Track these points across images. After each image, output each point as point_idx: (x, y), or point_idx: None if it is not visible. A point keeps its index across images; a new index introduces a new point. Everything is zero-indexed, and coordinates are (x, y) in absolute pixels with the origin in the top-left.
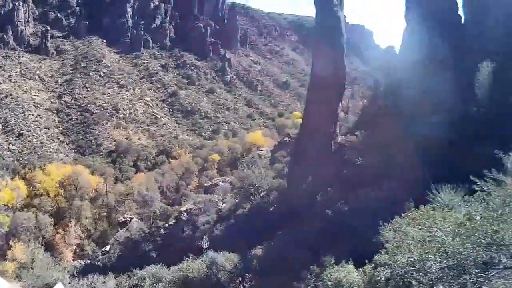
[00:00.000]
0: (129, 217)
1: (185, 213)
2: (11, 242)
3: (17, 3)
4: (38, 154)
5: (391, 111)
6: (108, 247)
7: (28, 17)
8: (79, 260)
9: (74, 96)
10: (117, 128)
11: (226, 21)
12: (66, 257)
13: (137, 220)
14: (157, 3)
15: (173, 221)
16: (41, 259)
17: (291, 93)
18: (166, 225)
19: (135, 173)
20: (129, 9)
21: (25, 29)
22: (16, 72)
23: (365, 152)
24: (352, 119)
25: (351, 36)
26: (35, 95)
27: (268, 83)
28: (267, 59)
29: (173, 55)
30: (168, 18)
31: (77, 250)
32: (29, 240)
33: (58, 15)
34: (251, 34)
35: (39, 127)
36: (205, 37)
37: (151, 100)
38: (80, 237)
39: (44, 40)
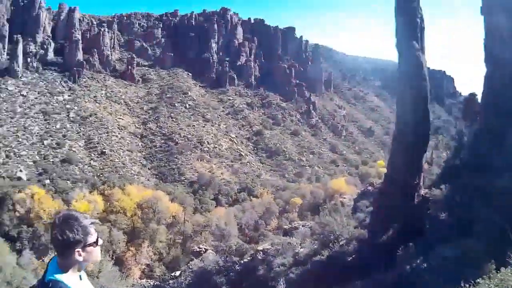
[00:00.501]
0: (204, 248)
1: (261, 252)
2: None
3: (102, 29)
4: (119, 174)
5: (475, 163)
6: (178, 273)
7: (114, 43)
8: (147, 280)
9: (159, 124)
10: (200, 160)
11: (310, 62)
12: (134, 275)
13: (212, 252)
14: (241, 41)
15: (248, 258)
16: (108, 271)
17: (375, 140)
18: (241, 261)
19: (215, 206)
20: (214, 45)
21: (111, 54)
22: (102, 94)
23: (448, 207)
24: (436, 170)
25: (432, 82)
26: (119, 118)
27: (352, 129)
28: (351, 104)
29: (258, 94)
30: (252, 56)
31: (146, 270)
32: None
33: (144, 44)
34: (335, 78)
35: (122, 149)
36: (290, 78)
37: (236, 137)
38: (151, 258)
39: (129, 67)
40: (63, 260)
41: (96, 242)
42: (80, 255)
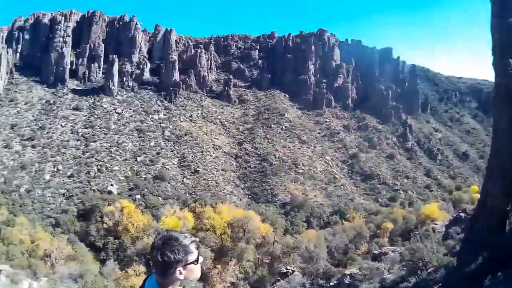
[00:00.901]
0: (291, 270)
1: (348, 277)
2: None
3: (199, 50)
4: (211, 193)
5: None
6: None
7: (211, 64)
8: None
9: (254, 145)
10: (294, 182)
11: (406, 84)
12: None
13: (299, 274)
14: (338, 62)
15: (335, 282)
16: (192, 287)
17: (470, 165)
18: (328, 284)
19: (306, 228)
20: (311, 67)
21: (208, 75)
22: (197, 113)
23: None
24: None
25: None
26: (215, 138)
27: (447, 153)
28: (447, 126)
29: (355, 116)
30: (350, 78)
31: None
32: None
33: (241, 66)
34: (431, 99)
35: (215, 168)
36: (387, 100)
37: (331, 159)
38: (237, 277)
39: (226, 88)
40: (163, 280)
41: (196, 260)
42: (181, 273)
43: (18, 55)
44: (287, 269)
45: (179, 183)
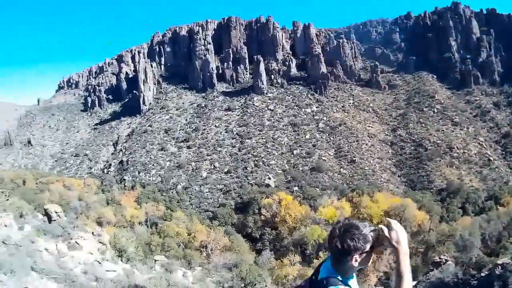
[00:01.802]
0: (445, 259)
1: (499, 267)
2: (320, 253)
3: (340, 40)
4: (368, 182)
5: None
6: (415, 283)
7: (355, 52)
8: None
9: (408, 130)
10: (449, 167)
11: None
12: (370, 281)
13: (452, 263)
14: (478, 35)
15: (486, 272)
16: None
17: None
18: (478, 275)
19: (461, 215)
20: (453, 43)
21: (354, 64)
22: (349, 103)
23: None
24: None
25: None
26: (369, 126)
27: None
28: None
29: (504, 91)
30: (492, 51)
31: (382, 278)
32: None
33: (384, 50)
34: None
35: (372, 157)
36: None
37: (485, 140)
38: (390, 266)
39: (374, 75)
40: (338, 266)
41: (372, 248)
42: (356, 261)
43: (162, 67)
44: (441, 259)
45: (336, 174)
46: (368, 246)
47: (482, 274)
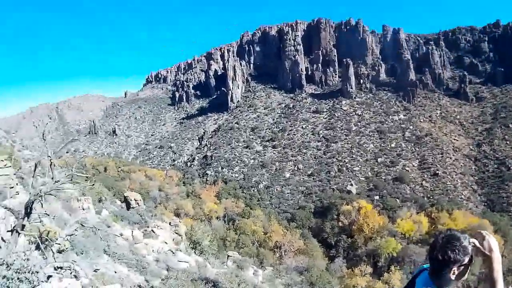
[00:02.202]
0: None
1: None
2: (392, 267)
3: (430, 47)
4: (448, 197)
5: None
6: None
7: (444, 61)
8: None
9: (493, 147)
10: None
11: None
12: None
13: None
14: None
15: None
16: None
17: None
18: None
19: None
20: None
21: (443, 72)
22: (436, 114)
23: None
24: None
25: None
26: (454, 139)
27: None
28: None
29: None
30: None
31: None
32: (410, 272)
33: (473, 60)
34: None
35: (454, 171)
36: None
37: None
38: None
39: (462, 86)
40: (437, 277)
41: (470, 261)
42: (454, 273)
43: (251, 66)
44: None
45: (418, 186)
46: (466, 259)
47: None
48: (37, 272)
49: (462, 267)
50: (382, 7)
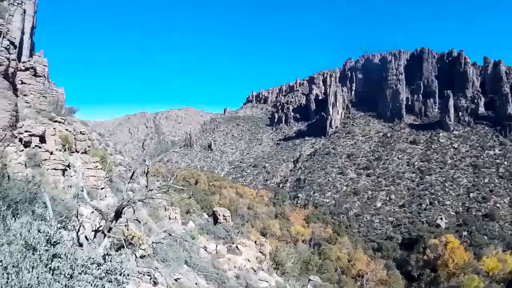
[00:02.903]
0: None
1: None
2: None
3: None
4: None
5: None
6: None
7: None
8: None
9: None
10: None
11: None
12: None
13: None
14: None
15: None
16: None
17: None
18: None
19: None
20: None
21: None
22: None
23: None
24: None
25: None
26: None
27: None
28: None
29: None
30: None
31: None
32: None
33: None
34: None
35: None
36: None
37: None
38: None
39: None
40: None
41: None
42: None
43: (352, 92)
44: None
45: (508, 224)
46: None
47: None
48: (128, 275)
49: None
50: (485, 39)
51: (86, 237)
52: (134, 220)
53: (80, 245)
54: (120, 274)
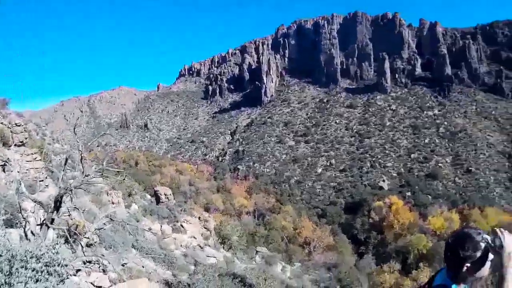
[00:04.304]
0: None
1: None
2: (421, 264)
3: (466, 41)
4: (481, 194)
5: None
6: None
7: (480, 55)
8: None
9: None
10: None
11: None
12: None
13: None
14: None
15: None
16: None
17: None
18: None
19: None
20: None
21: (479, 67)
22: (471, 109)
23: None
24: None
25: None
26: (488, 135)
27: None
28: None
29: None
30: None
31: None
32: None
33: (510, 55)
34: None
35: (488, 168)
36: None
37: None
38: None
39: (498, 80)
40: (451, 273)
41: (484, 258)
42: (467, 269)
43: (285, 59)
44: None
45: (450, 182)
46: (478, 254)
47: None
48: (66, 266)
49: (475, 263)
50: (420, 1)
51: (32, 232)
52: (74, 208)
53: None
54: (59, 265)
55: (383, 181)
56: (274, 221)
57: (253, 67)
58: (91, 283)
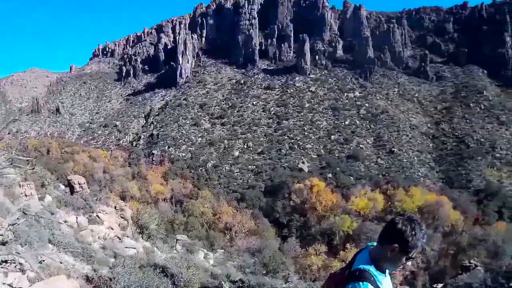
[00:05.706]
0: (474, 264)
1: None
2: (348, 245)
3: (391, 25)
4: (405, 175)
5: None
6: (440, 286)
7: (405, 39)
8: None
9: (452, 125)
10: (490, 167)
11: None
12: (395, 280)
13: (481, 269)
14: None
15: None
16: None
17: None
18: (507, 285)
19: (496, 220)
20: (508, 39)
21: (403, 51)
22: (394, 91)
23: None
24: None
25: None
26: (411, 117)
27: None
28: None
29: None
30: None
31: (409, 277)
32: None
33: (436, 40)
34: None
35: (411, 149)
36: None
37: None
38: (418, 266)
39: (423, 64)
40: (377, 250)
41: (410, 258)
42: (392, 251)
43: (203, 40)
44: (470, 263)
45: (373, 163)
46: (410, 239)
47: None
48: None
49: (403, 253)
50: None
51: None
52: None
53: None
54: None
55: (303, 163)
56: (192, 207)
57: (169, 47)
58: (9, 285)
